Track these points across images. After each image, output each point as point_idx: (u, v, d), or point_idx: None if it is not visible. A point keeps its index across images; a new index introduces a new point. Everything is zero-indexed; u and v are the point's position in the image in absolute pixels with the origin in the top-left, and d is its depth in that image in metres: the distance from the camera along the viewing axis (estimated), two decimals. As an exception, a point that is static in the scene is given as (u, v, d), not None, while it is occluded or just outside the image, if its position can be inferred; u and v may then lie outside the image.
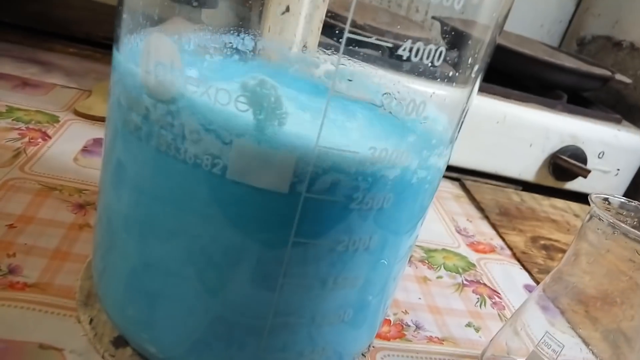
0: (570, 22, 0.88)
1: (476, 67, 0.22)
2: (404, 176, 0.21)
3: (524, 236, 0.51)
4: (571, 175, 0.60)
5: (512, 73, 0.62)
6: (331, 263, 0.22)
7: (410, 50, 0.18)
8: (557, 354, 0.26)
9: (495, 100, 0.58)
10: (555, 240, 0.52)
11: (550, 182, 0.62)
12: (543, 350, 0.27)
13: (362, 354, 0.30)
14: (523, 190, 0.62)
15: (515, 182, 0.62)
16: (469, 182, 0.60)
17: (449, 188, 0.58)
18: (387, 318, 0.33)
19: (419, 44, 0.18)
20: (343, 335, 0.25)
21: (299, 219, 0.20)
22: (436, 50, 0.19)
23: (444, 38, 0.21)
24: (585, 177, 0.59)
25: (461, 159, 0.59)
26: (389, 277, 0.26)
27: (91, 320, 0.26)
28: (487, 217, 0.53)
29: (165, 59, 0.19)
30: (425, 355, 0.31)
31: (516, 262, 0.46)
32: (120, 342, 0.25)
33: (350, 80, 0.19)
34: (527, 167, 0.61)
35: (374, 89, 0.21)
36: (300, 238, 0.21)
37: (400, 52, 0.18)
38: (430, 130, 0.22)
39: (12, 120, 0.43)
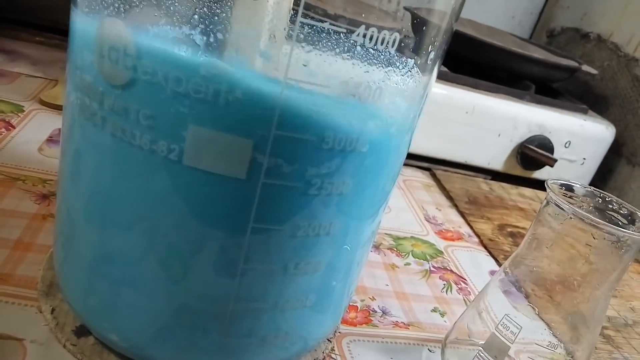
0: (540, 13, 0.89)
1: (433, 54, 0.22)
2: (362, 162, 0.22)
3: (491, 224, 0.52)
4: (539, 164, 0.62)
5: (483, 64, 0.63)
6: (292, 249, 0.22)
7: (364, 36, 0.18)
8: (515, 335, 0.27)
9: (464, 91, 0.58)
10: (522, 228, 0.53)
11: (518, 171, 0.63)
12: (501, 332, 0.27)
13: (328, 339, 0.30)
14: (492, 179, 0.63)
15: (485, 172, 0.63)
16: (439, 171, 0.61)
17: (420, 177, 0.59)
18: (354, 304, 0.34)
19: (373, 30, 0.18)
20: (307, 320, 0.26)
21: (257, 204, 0.20)
22: (390, 36, 0.19)
23: (406, 23, 0.21)
24: (552, 166, 0.60)
25: (431, 149, 0.59)
26: (352, 262, 0.26)
27: (53, 310, 0.26)
28: (456, 206, 0.53)
29: (118, 44, 0.19)
30: (391, 339, 0.32)
31: (483, 249, 0.47)
32: (82, 331, 0.25)
33: (305, 66, 0.19)
34: (496, 156, 0.62)
35: (331, 75, 0.21)
36: (259, 224, 0.21)
37: (354, 37, 0.18)
38: (389, 115, 0.22)
39: (-25, 110, 0.42)
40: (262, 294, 0.23)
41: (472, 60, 0.62)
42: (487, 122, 0.59)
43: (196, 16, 0.21)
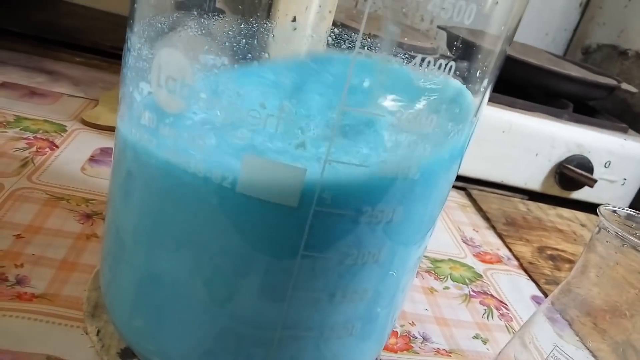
0: (575, 30, 0.88)
1: (486, 80, 0.22)
2: (413, 189, 0.21)
3: (530, 246, 0.50)
4: (577, 184, 0.60)
5: (518, 82, 0.62)
6: (340, 276, 0.22)
7: (421, 63, 0.18)
8: (567, 367, 0.26)
9: (501, 110, 0.58)
10: (562, 251, 0.52)
11: (556, 191, 0.62)
12: (552, 363, 0.27)
13: (370, 366, 0.30)
14: (529, 199, 0.62)
15: (522, 192, 0.62)
16: (475, 191, 0.60)
17: (455, 197, 0.58)
18: (395, 330, 0.33)
19: (430, 58, 0.18)
20: (351, 348, 0.25)
21: (308, 232, 0.20)
22: (447, 65, 0.19)
23: (452, 50, 0.21)
24: (591, 186, 0.59)
25: (467, 168, 0.59)
26: (398, 288, 0.26)
27: (98, 332, 0.26)
28: (493, 227, 0.52)
29: (176, 74, 0.19)
30: (433, 367, 0.31)
31: (523, 273, 0.45)
32: (127, 353, 0.25)
33: (360, 94, 0.19)
34: (533, 176, 0.61)
35: (384, 102, 0.21)
36: (309, 251, 0.21)
37: (410, 66, 0.18)
38: (440, 142, 0.22)
39: (20, 129, 0.43)
40: (309, 321, 0.23)
41: (507, 79, 0.61)
42: (525, 142, 0.58)
43: (250, 42, 0.21)
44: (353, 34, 0.19)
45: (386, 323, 0.27)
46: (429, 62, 0.18)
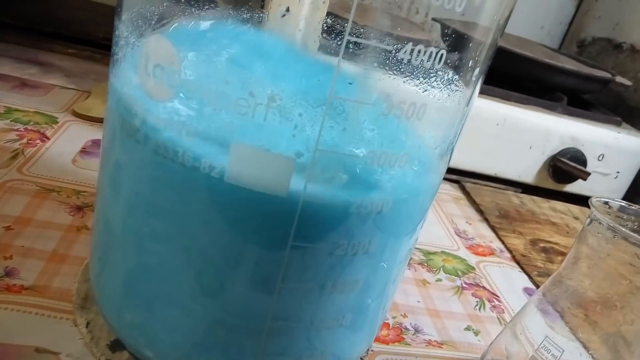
0: (570, 24, 0.87)
1: (477, 70, 0.22)
2: (403, 179, 0.21)
3: (523, 239, 0.51)
4: (571, 177, 0.60)
5: (512, 75, 0.62)
6: (330, 267, 0.22)
7: (411, 52, 0.18)
8: (557, 358, 0.26)
9: (495, 103, 0.58)
10: (555, 243, 0.52)
11: (550, 184, 0.62)
12: (542, 354, 0.27)
13: (361, 358, 0.30)
14: (523, 192, 0.62)
15: (515, 185, 0.62)
16: (469, 184, 0.60)
17: (449, 190, 0.58)
18: (386, 321, 0.33)
19: (420, 47, 0.18)
20: (342, 339, 0.25)
21: (297, 222, 0.20)
22: (437, 53, 0.19)
23: (444, 40, 0.20)
24: (585, 179, 0.59)
25: (461, 161, 0.59)
26: (388, 280, 0.26)
27: (88, 324, 0.26)
28: (486, 220, 0.53)
29: (164, 61, 0.19)
30: (425, 359, 0.31)
31: (516, 265, 0.46)
32: (117, 345, 0.25)
33: (350, 84, 0.19)
34: (527, 169, 0.61)
35: (374, 92, 0.21)
36: (299, 241, 0.20)
37: (401, 54, 0.18)
38: (430, 133, 0.22)
39: (11, 121, 0.43)
40: (299, 312, 0.23)
41: (502, 72, 0.61)
42: (518, 135, 0.58)
43: (242, 33, 0.21)
44: (346, 24, 0.19)
45: (377, 314, 0.27)
46: (419, 51, 0.18)
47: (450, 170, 0.59)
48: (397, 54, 0.18)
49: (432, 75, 0.20)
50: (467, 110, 0.23)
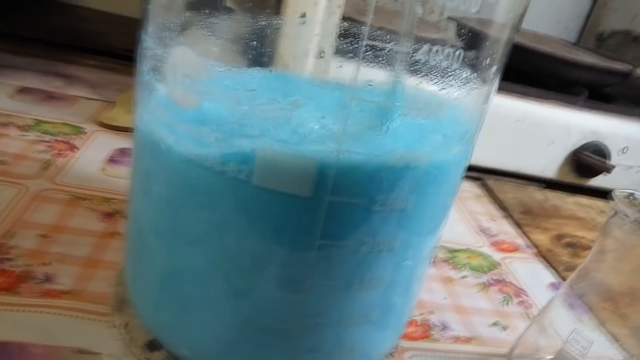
0: (588, 17, 0.87)
1: (494, 68, 0.22)
2: (424, 178, 0.22)
3: (548, 234, 0.50)
4: (594, 171, 0.60)
5: (531, 71, 0.61)
6: (356, 264, 0.22)
7: (429, 52, 0.19)
8: (586, 350, 0.26)
9: (514, 99, 0.57)
10: (582, 237, 0.51)
11: (573, 179, 0.62)
12: (571, 346, 0.27)
13: (390, 354, 0.30)
14: (546, 188, 0.62)
15: (538, 180, 0.62)
16: (491, 181, 0.60)
17: (471, 188, 0.58)
18: (413, 318, 0.34)
19: (437, 47, 0.19)
20: (370, 336, 0.26)
21: (324, 221, 0.21)
22: (454, 52, 0.19)
23: (461, 39, 0.21)
24: (609, 172, 0.58)
25: (482, 158, 0.59)
26: (413, 277, 0.26)
27: (125, 325, 0.27)
28: (510, 216, 0.52)
29: (190, 71, 0.20)
30: (453, 354, 0.32)
31: (541, 261, 0.45)
32: (153, 345, 0.26)
33: (370, 85, 0.19)
34: (549, 164, 0.60)
35: (393, 92, 0.22)
36: (325, 240, 0.21)
37: (419, 55, 0.19)
38: (450, 131, 0.22)
39: (40, 132, 0.44)
40: (327, 310, 0.23)
41: (520, 69, 0.61)
42: (539, 130, 0.58)
43: (260, 39, 0.21)
44: (362, 27, 0.19)
45: (403, 311, 0.27)
46: (436, 50, 0.19)
47: (472, 168, 0.59)
48: (414, 54, 0.19)
49: (449, 74, 0.21)
50: (486, 107, 0.24)
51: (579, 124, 0.59)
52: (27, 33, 0.63)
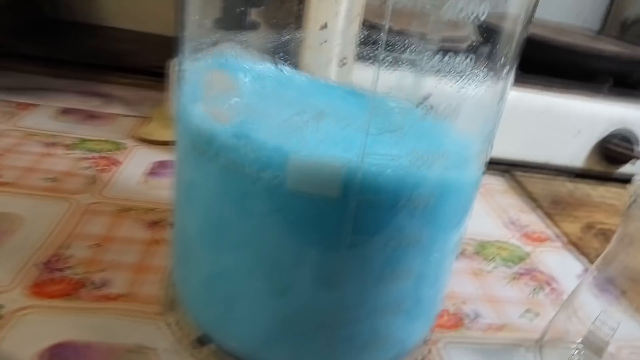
0: (610, 6, 0.86)
1: (509, 63, 0.23)
2: (446, 175, 0.23)
3: (579, 223, 0.51)
4: (623, 159, 0.60)
5: (554, 64, 0.62)
6: (386, 258, 0.24)
7: (447, 53, 0.20)
8: (614, 330, 0.27)
9: (537, 91, 0.58)
10: (614, 224, 0.52)
11: (602, 167, 0.62)
12: (599, 328, 0.28)
13: (424, 342, 0.31)
14: (575, 178, 0.62)
15: (567, 171, 0.62)
16: (519, 173, 0.60)
17: (499, 181, 0.59)
18: (446, 309, 0.35)
19: (456, 45, 0.20)
20: (402, 325, 0.27)
21: (354, 220, 0.22)
22: (471, 51, 0.20)
23: (477, 36, 0.22)
24: (638, 159, 0.58)
25: (510, 152, 0.59)
26: (441, 269, 0.27)
27: (177, 323, 0.29)
28: (540, 207, 0.53)
29: (225, 90, 0.22)
30: (486, 341, 0.33)
31: (572, 250, 0.46)
32: (203, 339, 0.28)
33: (390, 89, 0.21)
34: (578, 154, 0.60)
35: (413, 93, 0.23)
36: (356, 237, 0.23)
37: (438, 56, 0.20)
38: (468, 128, 0.24)
39: (85, 150, 0.48)
40: (361, 301, 0.25)
41: (542, 61, 0.61)
42: (565, 121, 0.59)
43: (283, 50, 0.23)
44: (381, 33, 0.21)
45: (434, 301, 0.29)
46: (455, 50, 0.20)
47: (499, 162, 0.60)
48: (434, 56, 0.20)
49: (467, 72, 0.22)
50: (502, 102, 0.25)
51: (605, 112, 0.59)
52: (65, 56, 0.66)
